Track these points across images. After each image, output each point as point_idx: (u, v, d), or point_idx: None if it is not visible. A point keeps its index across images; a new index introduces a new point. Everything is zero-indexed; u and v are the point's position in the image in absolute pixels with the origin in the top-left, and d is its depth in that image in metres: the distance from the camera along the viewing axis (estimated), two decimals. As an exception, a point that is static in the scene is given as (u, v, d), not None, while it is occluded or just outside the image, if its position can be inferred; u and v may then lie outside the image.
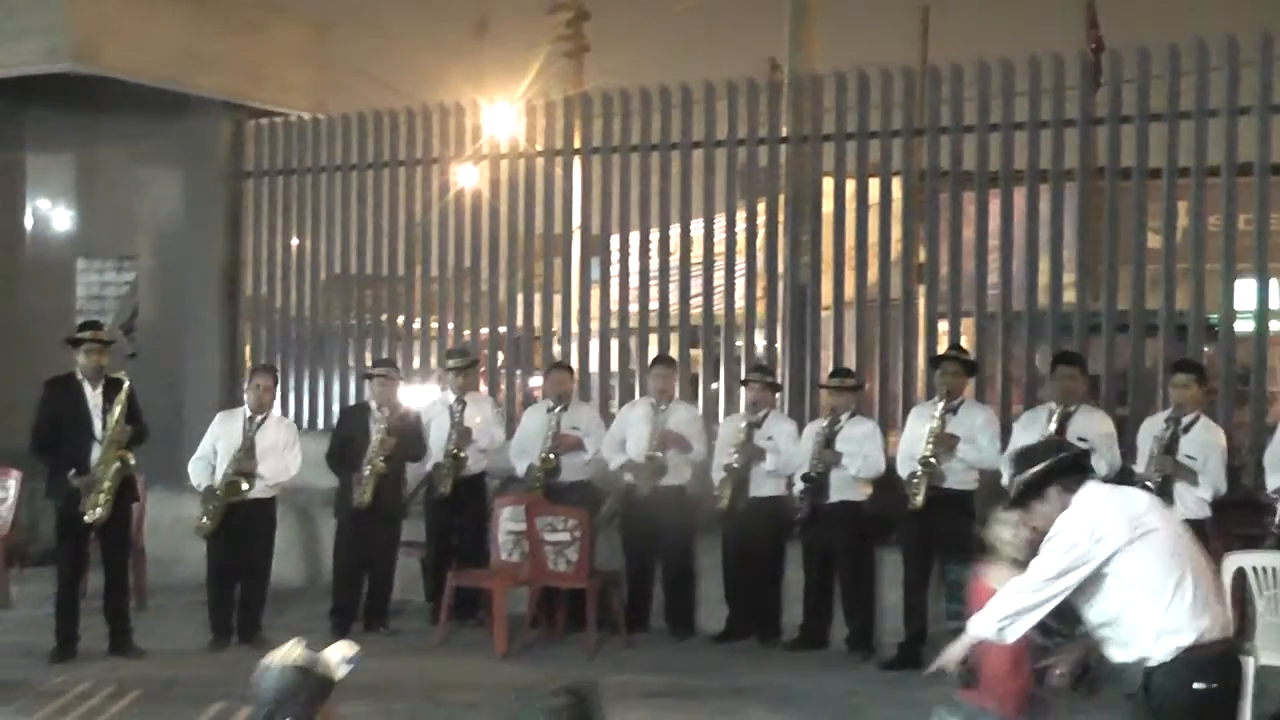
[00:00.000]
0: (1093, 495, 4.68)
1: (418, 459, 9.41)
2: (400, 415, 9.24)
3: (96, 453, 8.31)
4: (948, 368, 8.57)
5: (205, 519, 8.74)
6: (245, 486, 8.72)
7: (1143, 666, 4.52)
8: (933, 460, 8.26)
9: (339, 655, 3.46)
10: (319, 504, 9.86)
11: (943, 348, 9.27)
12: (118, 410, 8.31)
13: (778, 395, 9.58)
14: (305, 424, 11.83)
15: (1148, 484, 7.59)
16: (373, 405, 9.27)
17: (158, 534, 10.38)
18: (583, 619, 8.88)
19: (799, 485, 8.81)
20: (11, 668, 8.14)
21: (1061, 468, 4.71)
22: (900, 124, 9.88)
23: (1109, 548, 4.51)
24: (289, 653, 3.38)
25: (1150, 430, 7.87)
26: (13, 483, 10.02)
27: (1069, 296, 9.57)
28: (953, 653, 4.88)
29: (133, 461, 8.39)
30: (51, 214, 12.74)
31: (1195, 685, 4.46)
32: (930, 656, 8.42)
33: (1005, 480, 8.11)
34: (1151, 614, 4.49)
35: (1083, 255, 9.61)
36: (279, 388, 9.92)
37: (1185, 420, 7.71)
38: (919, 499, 8.24)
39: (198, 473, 8.93)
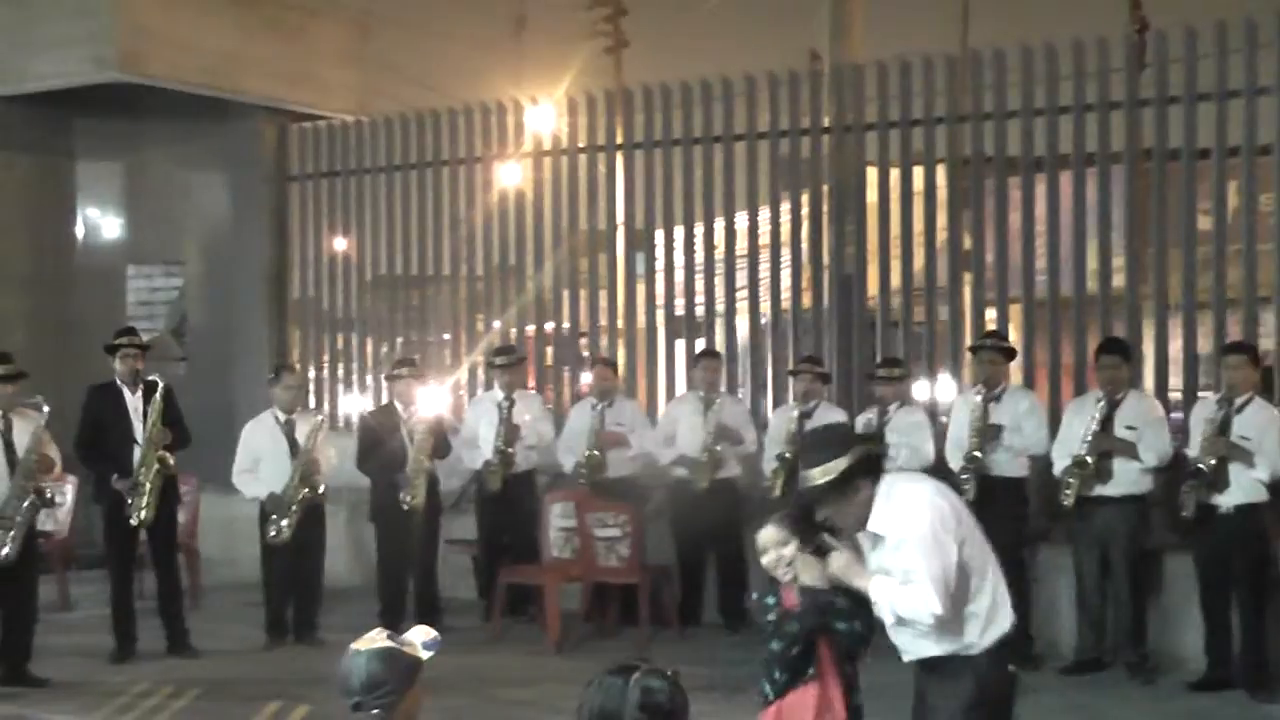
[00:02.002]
0: (918, 488, 4.46)
1: (445, 456, 9.44)
2: (430, 413, 9.31)
3: (138, 456, 8.42)
4: (985, 355, 8.48)
5: (284, 526, 8.76)
6: (321, 489, 8.82)
7: (967, 655, 4.43)
8: (978, 455, 8.18)
9: (421, 639, 3.47)
10: (368, 504, 9.92)
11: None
12: (154, 412, 8.42)
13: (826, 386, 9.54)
14: (355, 424, 11.91)
15: (1200, 466, 7.53)
16: (398, 406, 9.31)
17: (210, 535, 10.50)
18: (635, 613, 8.90)
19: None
20: (73, 668, 8.26)
21: (869, 460, 4.42)
22: (943, 111, 9.81)
23: (958, 539, 4.37)
24: (373, 639, 3.39)
25: (1202, 413, 7.79)
26: (70, 487, 10.15)
27: (1118, 281, 9.48)
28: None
29: (172, 462, 8.49)
30: (101, 221, 12.89)
31: (1010, 668, 4.52)
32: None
33: (1057, 470, 8.09)
34: (981, 604, 4.42)
35: (1131, 239, 9.51)
36: (330, 387, 9.97)
37: (1238, 401, 7.60)
38: (970, 495, 8.15)
39: (248, 485, 9.00)
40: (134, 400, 8.52)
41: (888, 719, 4.79)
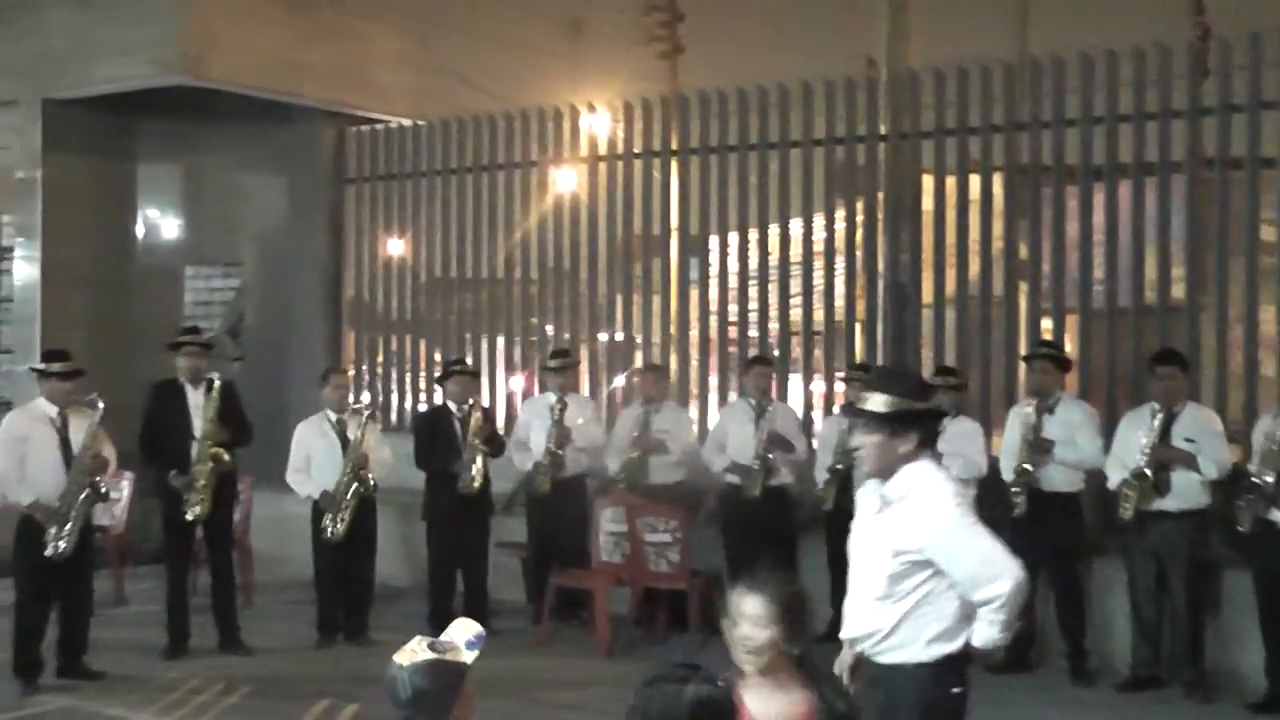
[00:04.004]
0: (944, 483, 4.34)
1: (499, 454, 9.46)
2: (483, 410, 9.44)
3: (195, 452, 8.51)
4: (1038, 365, 8.39)
5: (339, 524, 8.84)
6: (372, 483, 8.90)
7: (906, 663, 4.33)
8: (1028, 467, 8.11)
9: (463, 638, 3.42)
10: (419, 505, 9.97)
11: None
12: (210, 408, 8.50)
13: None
14: (408, 425, 11.97)
15: (1258, 481, 7.40)
16: (451, 406, 9.36)
17: (263, 533, 10.59)
18: (684, 619, 8.88)
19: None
20: (127, 662, 8.35)
21: (930, 423, 4.34)
22: (1001, 118, 9.73)
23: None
24: (415, 651, 3.37)
25: (1264, 427, 7.65)
26: (126, 484, 10.27)
27: (1177, 292, 9.34)
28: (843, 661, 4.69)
29: (228, 458, 8.57)
30: (161, 222, 13.04)
31: (955, 690, 4.35)
32: (1036, 658, 8.34)
33: (1111, 483, 7.99)
34: (945, 615, 4.31)
35: (1191, 249, 9.37)
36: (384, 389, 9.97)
37: (1301, 416, 7.48)
38: (1019, 510, 8.08)
39: (301, 484, 9.07)
40: (195, 397, 8.62)
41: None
